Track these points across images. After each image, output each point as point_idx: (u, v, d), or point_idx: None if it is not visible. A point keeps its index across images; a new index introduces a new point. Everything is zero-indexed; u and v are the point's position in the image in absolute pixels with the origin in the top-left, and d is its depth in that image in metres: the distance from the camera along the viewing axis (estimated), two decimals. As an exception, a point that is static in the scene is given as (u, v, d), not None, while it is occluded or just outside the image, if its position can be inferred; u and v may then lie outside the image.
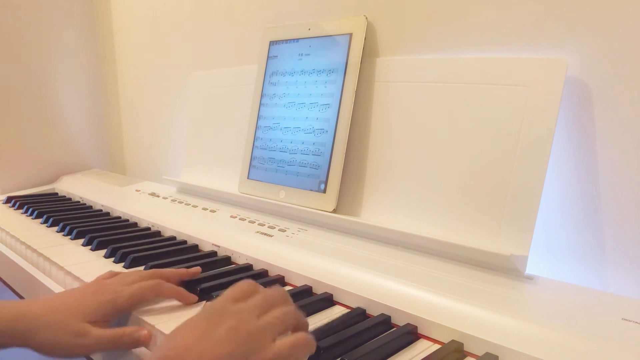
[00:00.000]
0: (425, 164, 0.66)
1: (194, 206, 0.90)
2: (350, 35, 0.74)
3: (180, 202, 0.94)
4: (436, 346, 0.47)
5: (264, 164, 0.84)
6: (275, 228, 0.74)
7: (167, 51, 1.22)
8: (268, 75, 0.86)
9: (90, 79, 1.41)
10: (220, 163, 0.97)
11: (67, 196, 1.18)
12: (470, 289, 0.52)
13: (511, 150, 0.58)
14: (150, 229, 0.85)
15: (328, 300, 0.56)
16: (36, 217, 0.95)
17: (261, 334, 0.38)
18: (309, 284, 0.59)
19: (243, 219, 0.80)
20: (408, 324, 0.49)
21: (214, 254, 0.72)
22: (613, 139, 0.56)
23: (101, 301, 0.50)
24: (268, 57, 0.86)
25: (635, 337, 0.42)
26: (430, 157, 0.66)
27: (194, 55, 1.14)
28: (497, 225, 0.58)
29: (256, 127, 0.86)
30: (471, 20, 0.66)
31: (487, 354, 0.43)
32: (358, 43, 0.73)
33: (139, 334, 0.49)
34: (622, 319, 0.45)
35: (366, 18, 0.73)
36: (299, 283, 0.61)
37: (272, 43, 0.86)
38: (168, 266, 0.63)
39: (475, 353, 0.45)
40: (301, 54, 0.81)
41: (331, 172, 0.74)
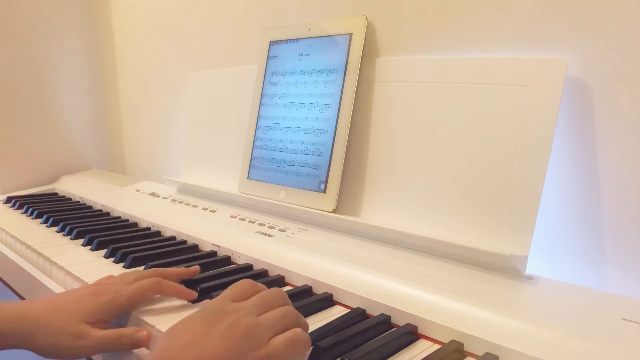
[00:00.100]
0: (425, 164, 0.66)
1: (194, 206, 0.90)
2: (350, 35, 0.74)
3: (180, 202, 0.94)
4: (436, 346, 0.47)
5: (264, 164, 0.84)
6: (275, 228, 0.74)
7: (167, 51, 1.22)
8: (268, 75, 0.86)
9: (90, 79, 1.41)
10: (220, 163, 0.97)
11: (67, 196, 1.18)
12: (470, 289, 0.52)
13: (511, 150, 0.58)
14: (150, 229, 0.85)
15: (328, 300, 0.56)
16: (36, 217, 0.95)
17: (259, 333, 0.38)
18: (309, 284, 0.59)
19: (243, 219, 0.80)
20: (408, 324, 0.49)
21: (214, 254, 0.72)
22: (613, 139, 0.56)
23: (101, 302, 0.50)
24: (268, 57, 0.86)
25: (635, 337, 0.42)
26: (430, 157, 0.65)
27: (194, 55, 1.14)
28: (497, 225, 0.58)
29: (256, 127, 0.86)
30: (471, 20, 0.66)
31: (487, 354, 0.43)
32: (358, 43, 0.73)
33: (139, 334, 0.49)
34: (622, 319, 0.45)
35: (366, 18, 0.73)
36: (299, 283, 0.61)
37: (272, 43, 0.86)
38: (168, 266, 0.63)
39: (475, 353, 0.45)
40: (301, 54, 0.81)
41: (331, 172, 0.74)
